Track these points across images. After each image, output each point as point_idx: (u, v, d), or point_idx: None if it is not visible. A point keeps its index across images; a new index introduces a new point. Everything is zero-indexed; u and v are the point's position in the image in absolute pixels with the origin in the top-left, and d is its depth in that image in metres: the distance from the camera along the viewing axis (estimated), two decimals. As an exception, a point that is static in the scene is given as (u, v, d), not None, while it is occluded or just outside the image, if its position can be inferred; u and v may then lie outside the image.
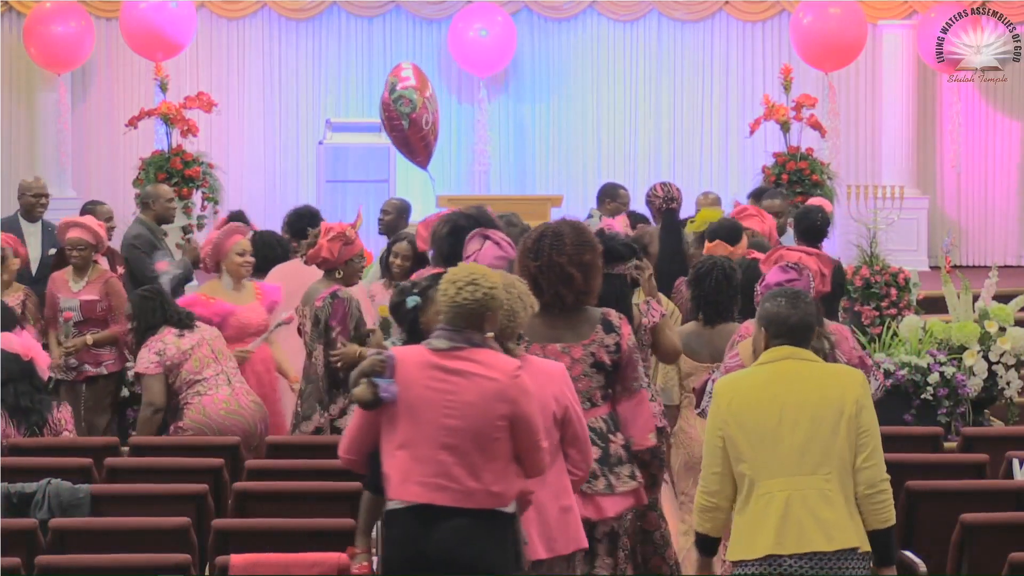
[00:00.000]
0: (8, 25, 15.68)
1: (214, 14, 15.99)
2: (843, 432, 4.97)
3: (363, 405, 5.25)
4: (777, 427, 4.98)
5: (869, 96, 16.10)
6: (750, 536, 4.95)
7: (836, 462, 4.95)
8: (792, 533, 4.89)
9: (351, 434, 5.39)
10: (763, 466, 4.97)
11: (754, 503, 4.96)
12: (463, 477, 5.12)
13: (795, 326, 5.12)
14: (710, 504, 5.10)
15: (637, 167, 16.19)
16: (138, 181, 14.39)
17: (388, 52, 15.90)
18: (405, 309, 5.67)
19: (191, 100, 14.48)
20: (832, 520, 4.91)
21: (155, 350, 7.88)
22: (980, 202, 16.31)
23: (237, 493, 6.68)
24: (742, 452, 5.01)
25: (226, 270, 8.65)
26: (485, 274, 5.27)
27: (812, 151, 14.68)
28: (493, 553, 5.17)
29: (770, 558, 4.90)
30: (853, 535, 4.93)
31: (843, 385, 5.06)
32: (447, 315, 5.22)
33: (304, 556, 5.74)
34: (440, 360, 5.19)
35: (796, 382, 5.05)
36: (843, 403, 5.00)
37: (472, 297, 5.18)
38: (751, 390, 5.07)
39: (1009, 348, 10.23)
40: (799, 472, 4.93)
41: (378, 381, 5.18)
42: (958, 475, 7.05)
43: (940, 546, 6.38)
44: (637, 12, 16.21)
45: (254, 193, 15.89)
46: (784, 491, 4.93)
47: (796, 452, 4.95)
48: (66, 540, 6.11)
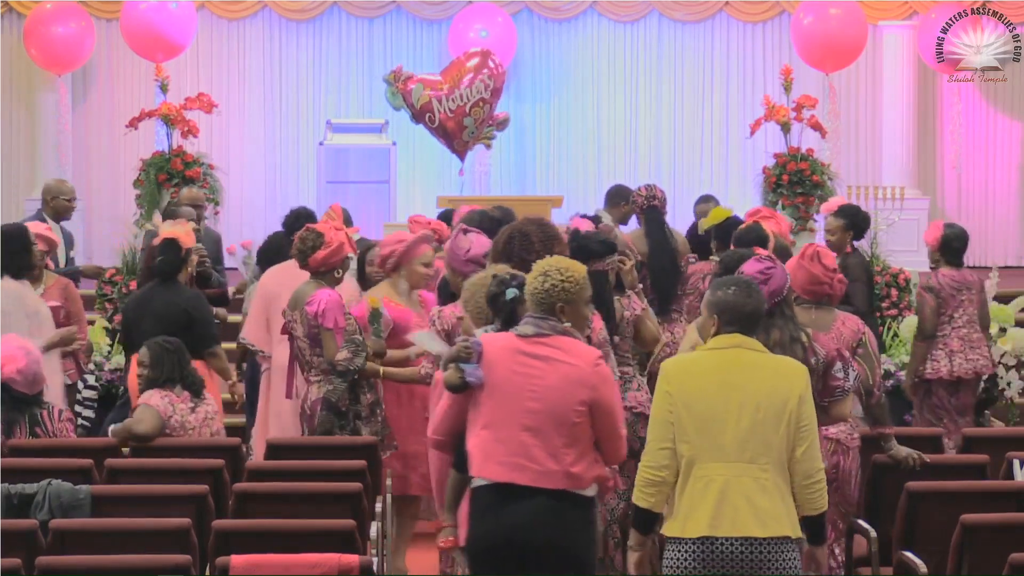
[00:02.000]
0: (8, 26, 15.68)
1: (214, 15, 15.99)
2: (784, 425, 5.14)
3: (451, 389, 5.54)
4: (723, 413, 5.14)
5: (870, 97, 16.10)
6: (687, 515, 5.11)
7: (775, 453, 5.12)
8: (727, 517, 5.06)
9: (440, 416, 5.66)
10: (705, 449, 5.13)
11: (692, 484, 5.13)
12: (542, 458, 5.36)
13: (748, 315, 5.27)
14: (656, 478, 5.20)
15: (637, 168, 16.18)
16: (138, 182, 14.39)
17: (388, 53, 15.90)
18: (504, 300, 5.82)
19: (191, 101, 14.46)
20: (767, 508, 5.08)
21: (167, 401, 7.62)
22: (980, 203, 16.31)
23: (237, 494, 6.68)
24: (687, 433, 5.16)
25: (405, 277, 8.41)
26: (570, 267, 5.56)
27: (813, 152, 14.66)
28: (570, 533, 5.37)
29: (705, 539, 5.07)
30: (786, 524, 5.10)
31: (788, 379, 5.21)
32: (534, 304, 5.52)
33: (305, 557, 5.74)
34: (525, 346, 5.48)
35: (745, 371, 5.20)
36: (788, 397, 5.16)
37: (559, 288, 5.48)
38: (702, 374, 5.22)
39: (1010, 349, 10.24)
40: (739, 459, 5.11)
41: (464, 367, 5.47)
42: (958, 476, 7.04)
43: (940, 547, 6.38)
44: (637, 13, 16.22)
45: (254, 194, 15.90)
46: (723, 476, 5.09)
47: (738, 440, 5.12)
48: (66, 541, 6.10)
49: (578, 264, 5.65)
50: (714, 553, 5.06)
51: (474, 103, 13.25)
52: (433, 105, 13.32)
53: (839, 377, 6.15)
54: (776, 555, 5.08)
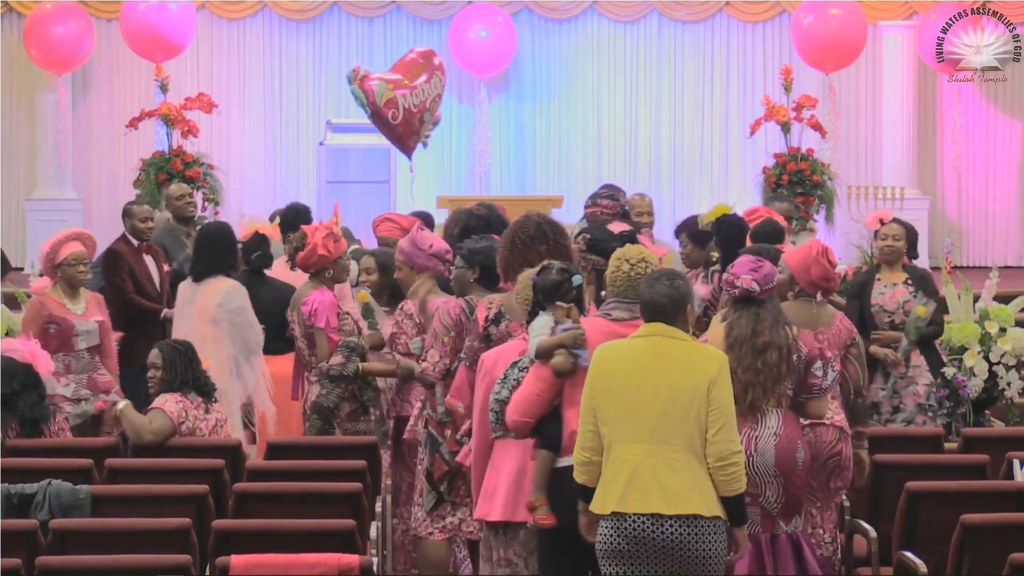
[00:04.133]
0: (8, 26, 15.69)
1: (214, 15, 16.00)
2: (696, 408, 5.40)
3: (561, 374, 5.84)
4: (638, 397, 5.43)
5: (869, 97, 16.11)
6: (604, 493, 5.43)
7: (686, 435, 5.39)
8: (636, 494, 5.36)
9: (529, 399, 5.89)
10: (621, 431, 5.43)
11: (611, 464, 5.45)
12: None
13: (664, 306, 5.54)
14: (584, 458, 5.53)
15: (637, 168, 16.20)
16: (138, 182, 14.40)
17: (388, 53, 15.88)
18: (569, 287, 6.04)
19: (191, 101, 14.49)
20: (674, 488, 5.35)
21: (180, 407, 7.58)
22: (981, 203, 16.31)
23: (237, 494, 6.68)
24: (606, 416, 5.47)
25: None
26: (650, 254, 5.98)
27: (813, 152, 14.69)
28: None
29: (615, 515, 5.38)
30: (697, 502, 5.35)
31: (701, 365, 5.47)
32: (621, 289, 5.92)
33: (304, 557, 5.75)
34: (622, 329, 5.82)
35: (662, 358, 5.48)
36: (699, 381, 5.42)
37: (644, 273, 5.86)
38: (622, 360, 5.51)
39: (1010, 349, 10.21)
40: (651, 441, 5.39)
41: (579, 352, 5.81)
42: (958, 476, 7.05)
43: (940, 547, 6.38)
44: (637, 12, 16.22)
45: (254, 194, 15.90)
46: (636, 456, 5.39)
47: (651, 422, 5.41)
48: (66, 541, 6.11)
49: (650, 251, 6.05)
50: (625, 528, 5.35)
51: (432, 99, 13.26)
52: (398, 101, 13.24)
53: (817, 375, 6.27)
54: (688, 532, 5.32)
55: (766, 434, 6.11)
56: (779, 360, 6.12)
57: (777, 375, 6.12)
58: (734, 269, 6.37)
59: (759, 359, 6.10)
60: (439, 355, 7.10)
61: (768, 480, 6.09)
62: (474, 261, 7.22)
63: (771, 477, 6.09)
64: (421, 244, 7.69)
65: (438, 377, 7.11)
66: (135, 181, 14.45)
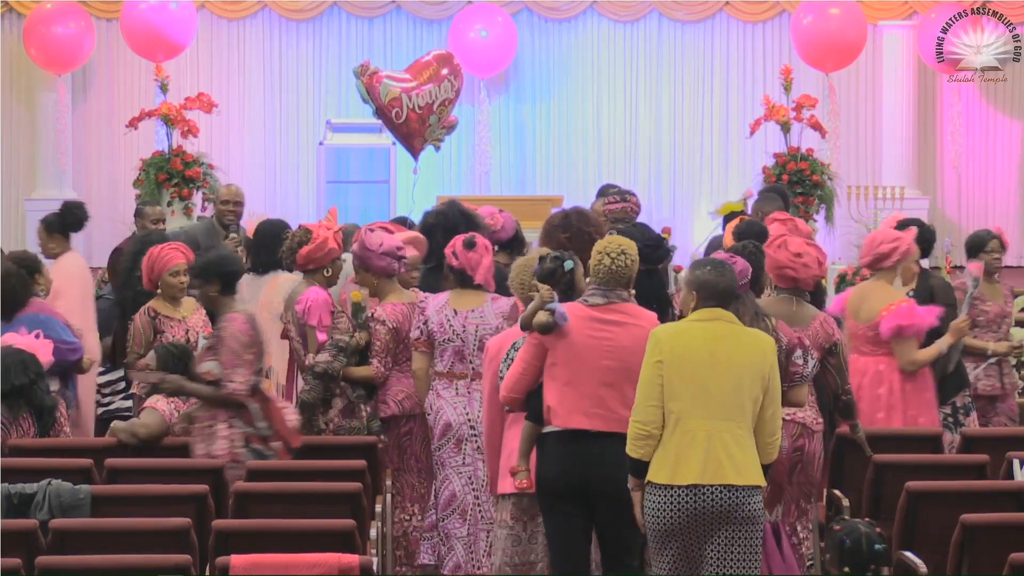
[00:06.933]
0: (8, 26, 15.68)
1: (214, 15, 15.99)
2: (757, 389, 5.88)
3: (541, 330, 6.38)
4: (708, 377, 5.86)
5: (869, 97, 16.10)
6: (676, 465, 5.83)
7: (749, 414, 5.87)
8: (712, 467, 5.80)
9: (515, 376, 6.47)
10: (691, 408, 5.85)
11: (679, 436, 5.85)
12: (618, 407, 6.27)
13: (723, 290, 6.00)
14: (644, 432, 5.90)
15: (637, 168, 16.19)
16: (138, 182, 14.40)
17: (388, 52, 15.89)
18: (562, 272, 6.57)
19: (191, 101, 14.48)
20: (742, 460, 5.83)
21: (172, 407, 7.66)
22: (980, 202, 16.30)
23: (237, 494, 6.68)
24: (676, 392, 5.87)
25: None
26: (630, 245, 6.45)
27: (812, 152, 14.68)
28: None
29: (694, 487, 5.80)
30: (757, 474, 5.87)
31: (763, 351, 5.96)
32: (602, 278, 6.40)
33: (304, 557, 5.75)
34: (598, 313, 6.39)
35: (727, 342, 5.93)
36: (763, 366, 5.92)
37: (624, 264, 6.39)
38: (691, 341, 5.93)
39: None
40: (720, 418, 5.84)
41: (553, 307, 6.36)
42: (958, 476, 7.05)
43: (941, 547, 6.39)
44: (637, 12, 16.22)
45: (254, 194, 15.84)
46: (707, 431, 5.83)
47: (720, 400, 5.85)
48: (66, 541, 6.11)
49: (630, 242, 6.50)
50: (701, 498, 5.78)
51: (441, 102, 13.25)
52: (403, 101, 13.27)
53: (799, 363, 6.76)
54: (747, 499, 5.82)
55: None
56: None
57: None
58: None
59: None
60: (246, 374, 7.23)
61: None
62: (209, 275, 7.38)
63: None
64: (371, 245, 7.91)
65: (248, 395, 7.24)
66: (135, 181, 14.45)
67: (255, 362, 7.23)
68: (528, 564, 6.69)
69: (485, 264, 7.69)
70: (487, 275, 7.71)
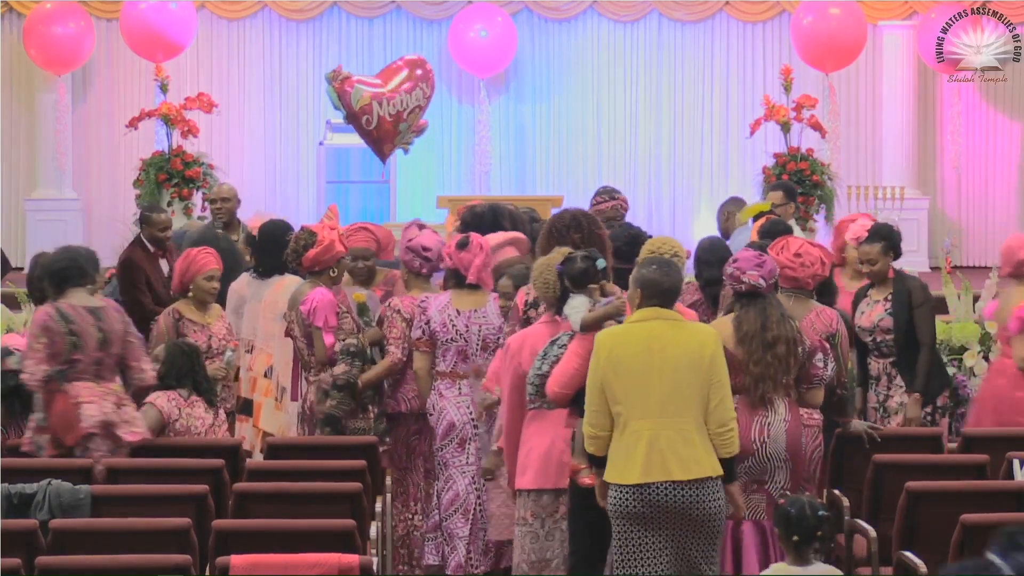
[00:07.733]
0: (8, 26, 15.69)
1: (214, 15, 16.00)
2: (699, 383, 5.96)
3: None
4: (648, 377, 5.95)
5: (869, 97, 16.11)
6: (623, 465, 5.94)
7: (693, 408, 5.94)
8: (656, 465, 5.89)
9: (568, 373, 6.39)
10: (634, 409, 5.95)
11: (627, 437, 5.95)
12: None
13: (666, 290, 6.08)
14: (593, 433, 6.04)
15: (637, 168, 16.20)
16: (138, 182, 14.41)
17: (388, 52, 15.89)
18: (595, 270, 6.61)
19: (191, 101, 14.49)
20: (688, 455, 5.91)
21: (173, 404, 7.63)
22: (980, 202, 16.31)
23: (237, 494, 6.68)
24: (617, 395, 5.98)
25: None
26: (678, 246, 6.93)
27: (812, 152, 14.69)
28: None
29: (640, 485, 5.89)
30: (706, 466, 5.92)
31: (700, 343, 6.02)
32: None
33: (305, 557, 5.75)
34: None
35: (664, 339, 6.00)
36: (701, 359, 5.97)
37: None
38: (627, 344, 6.03)
39: (1009, 349, 10.20)
40: (663, 415, 5.93)
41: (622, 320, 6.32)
42: (958, 476, 7.05)
43: (940, 547, 6.38)
44: (637, 12, 16.22)
45: (254, 194, 15.87)
46: (651, 431, 5.92)
47: (661, 399, 5.94)
48: (66, 541, 6.10)
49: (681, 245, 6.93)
50: (648, 496, 5.88)
51: (411, 110, 13.23)
52: (373, 107, 13.22)
53: (819, 366, 6.72)
54: (700, 492, 5.88)
55: (776, 421, 6.54)
56: (787, 353, 6.54)
57: (786, 367, 6.55)
58: (738, 264, 6.71)
59: (769, 352, 6.53)
60: (32, 364, 7.23)
61: (778, 464, 6.53)
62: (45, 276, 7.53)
63: (781, 462, 6.53)
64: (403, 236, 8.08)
65: (38, 384, 7.24)
66: (135, 181, 14.46)
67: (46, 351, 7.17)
68: (544, 562, 6.74)
69: (477, 263, 7.72)
70: (480, 274, 7.74)
